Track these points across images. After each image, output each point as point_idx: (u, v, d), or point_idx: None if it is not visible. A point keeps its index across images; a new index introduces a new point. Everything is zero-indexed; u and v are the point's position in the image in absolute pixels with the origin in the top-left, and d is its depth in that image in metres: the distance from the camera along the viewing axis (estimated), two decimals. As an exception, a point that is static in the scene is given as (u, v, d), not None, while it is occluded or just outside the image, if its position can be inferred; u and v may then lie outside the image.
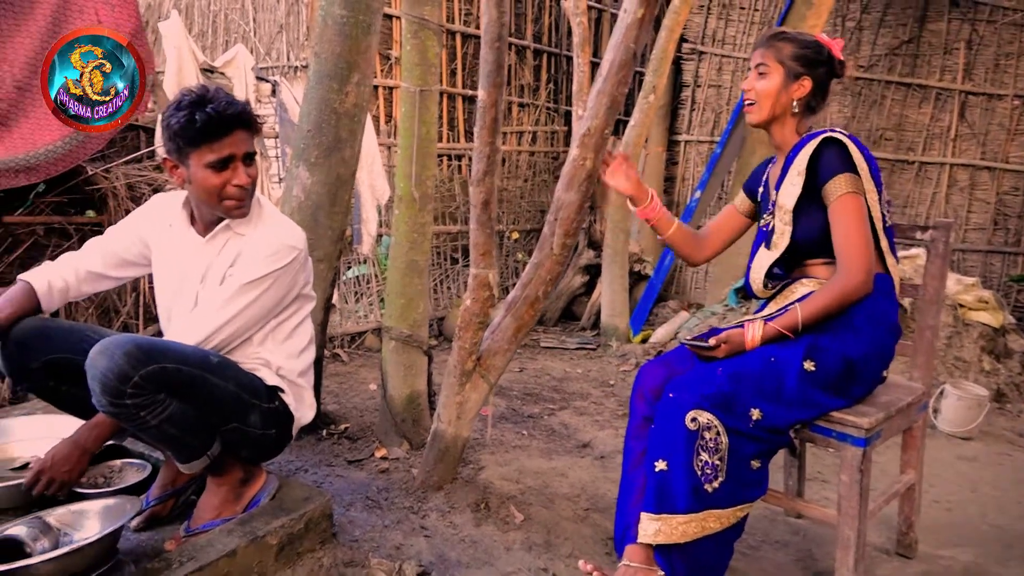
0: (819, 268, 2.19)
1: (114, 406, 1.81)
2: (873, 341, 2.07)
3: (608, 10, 7.34)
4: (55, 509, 1.94)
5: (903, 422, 2.30)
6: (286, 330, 2.19)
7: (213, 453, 2.03)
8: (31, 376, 2.09)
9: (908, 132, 6.35)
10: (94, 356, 1.79)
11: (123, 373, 1.77)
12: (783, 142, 2.23)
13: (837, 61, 2.20)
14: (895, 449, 2.72)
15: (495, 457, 3.20)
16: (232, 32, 5.45)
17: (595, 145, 2.32)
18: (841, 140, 2.08)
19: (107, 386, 1.78)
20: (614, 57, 2.26)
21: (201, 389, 1.93)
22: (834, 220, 2.07)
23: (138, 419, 1.84)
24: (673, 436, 1.91)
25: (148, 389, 1.81)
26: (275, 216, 2.17)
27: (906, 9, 6.15)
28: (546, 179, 6.92)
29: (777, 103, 2.18)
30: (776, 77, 2.17)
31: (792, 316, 2.05)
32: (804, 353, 2.00)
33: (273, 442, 2.16)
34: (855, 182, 2.07)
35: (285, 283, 2.09)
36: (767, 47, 2.19)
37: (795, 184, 2.13)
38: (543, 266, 2.49)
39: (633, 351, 5.13)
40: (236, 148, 1.98)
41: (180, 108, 1.93)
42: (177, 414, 1.90)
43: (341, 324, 5.02)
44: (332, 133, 2.99)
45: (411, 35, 2.95)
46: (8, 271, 3.38)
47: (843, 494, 2.09)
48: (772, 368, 1.98)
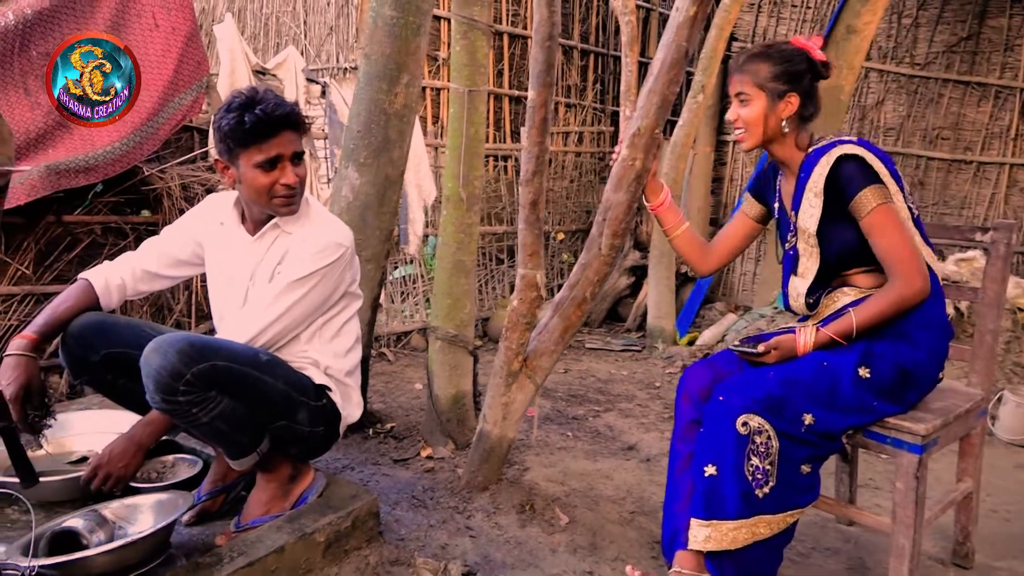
0: (859, 277, 2.10)
1: (167, 403, 1.84)
2: (928, 347, 2.01)
3: (656, 9, 7.28)
4: (111, 503, 1.99)
5: (961, 429, 2.24)
6: (333, 328, 2.20)
7: (262, 450, 2.06)
8: (90, 369, 2.13)
9: (966, 131, 6.17)
10: (148, 354, 1.83)
11: (176, 371, 1.80)
12: (787, 158, 2.14)
13: (819, 64, 2.09)
14: (950, 456, 2.65)
15: (540, 458, 3.19)
16: (283, 34, 5.53)
17: (645, 145, 2.30)
18: (857, 155, 1.99)
19: (160, 383, 1.81)
20: (665, 56, 2.24)
21: (251, 387, 1.95)
22: (873, 234, 1.98)
23: (190, 416, 1.88)
24: (723, 440, 1.88)
25: (200, 386, 1.85)
26: (322, 215, 2.19)
27: (965, 5, 5.98)
28: (592, 180, 6.89)
29: (767, 127, 2.08)
30: (759, 102, 2.06)
31: (847, 322, 1.99)
32: (859, 359, 1.95)
33: (321, 440, 2.18)
34: (882, 192, 1.97)
35: (332, 280, 2.10)
36: (741, 72, 2.09)
37: (814, 206, 2.04)
38: (591, 267, 2.47)
39: (679, 353, 5.07)
40: (284, 148, 2.01)
41: (230, 110, 1.97)
42: (228, 411, 1.93)
43: (387, 323, 5.06)
44: (381, 134, 3.01)
45: (460, 36, 2.96)
46: (67, 269, 3.47)
47: (898, 502, 2.03)
48: (825, 373, 1.94)
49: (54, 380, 3.43)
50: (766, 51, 2.08)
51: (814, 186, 2.03)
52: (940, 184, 6.25)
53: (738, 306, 6.30)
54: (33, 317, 3.32)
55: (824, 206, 2.02)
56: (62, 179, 3.17)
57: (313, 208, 2.19)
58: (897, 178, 2.04)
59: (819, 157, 2.03)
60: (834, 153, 2.00)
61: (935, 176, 6.25)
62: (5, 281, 3.30)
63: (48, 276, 3.42)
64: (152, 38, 3.48)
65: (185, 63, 3.58)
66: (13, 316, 3.33)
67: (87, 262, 3.51)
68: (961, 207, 6.22)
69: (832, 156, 2.00)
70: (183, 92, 3.60)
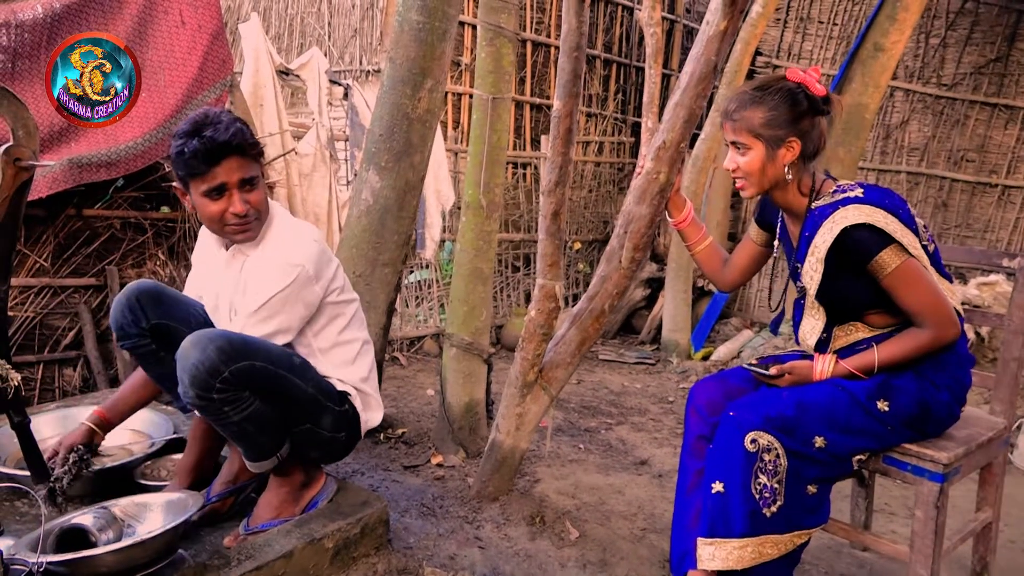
0: (874, 317, 2.00)
1: (200, 399, 1.83)
2: (950, 384, 1.97)
3: (680, 21, 7.25)
4: (120, 500, 1.98)
5: (983, 458, 2.20)
6: (328, 341, 2.16)
7: (283, 454, 2.04)
8: (137, 335, 2.13)
9: (992, 154, 6.10)
10: (186, 348, 1.82)
11: (214, 367, 1.79)
12: (790, 205, 2.02)
13: (819, 99, 1.92)
14: (967, 483, 2.60)
15: (551, 470, 3.16)
16: (308, 35, 5.54)
17: (670, 159, 2.28)
18: (864, 224, 1.85)
19: (197, 379, 1.80)
20: (694, 70, 2.21)
21: (283, 388, 1.95)
22: (898, 291, 1.88)
23: (221, 414, 1.87)
24: (731, 457, 1.85)
25: (236, 385, 1.84)
26: (281, 234, 2.09)
27: (994, 27, 5.93)
28: (611, 190, 6.87)
29: (766, 177, 1.95)
30: (756, 152, 1.92)
31: (868, 358, 1.94)
32: (877, 391, 1.91)
33: (342, 445, 2.17)
34: (899, 251, 1.86)
35: (298, 300, 2.02)
36: (734, 120, 1.93)
37: (816, 271, 1.94)
38: (610, 279, 2.45)
39: (694, 368, 5.03)
40: (229, 176, 1.94)
41: (177, 137, 1.94)
42: (258, 412, 1.92)
43: (401, 328, 5.05)
44: (403, 138, 3.00)
45: (486, 43, 2.95)
46: (85, 262, 3.48)
47: (917, 531, 2.00)
48: (841, 399, 1.90)
49: (68, 373, 3.44)
50: (759, 95, 1.92)
51: (817, 252, 1.92)
52: (964, 207, 6.18)
53: (754, 322, 6.25)
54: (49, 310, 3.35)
55: (829, 270, 1.92)
56: (84, 173, 3.17)
57: (275, 227, 2.10)
58: (910, 222, 1.92)
59: (823, 219, 1.91)
60: (838, 222, 1.87)
61: (959, 198, 6.18)
62: (23, 273, 3.31)
63: (66, 269, 3.42)
64: (178, 35, 3.48)
65: (210, 61, 3.59)
66: (30, 307, 3.34)
67: (105, 256, 3.52)
68: (984, 230, 6.15)
69: (836, 226, 1.87)
70: (207, 90, 3.60)
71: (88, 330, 3.43)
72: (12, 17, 3.04)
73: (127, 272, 3.56)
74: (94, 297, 3.51)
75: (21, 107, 1.43)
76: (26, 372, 3.31)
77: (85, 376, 3.46)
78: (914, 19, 4.77)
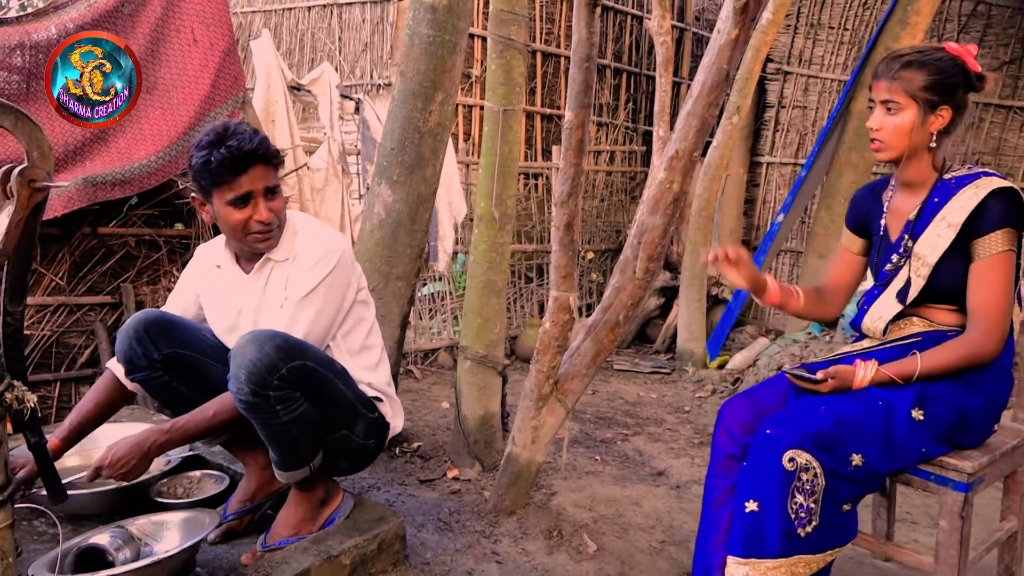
0: (940, 313, 1.99)
1: (256, 396, 1.83)
2: (988, 392, 1.94)
3: (690, 29, 7.25)
4: (137, 519, 1.98)
5: (1007, 466, 2.16)
6: (357, 343, 2.19)
7: (315, 465, 2.05)
8: (149, 367, 2.12)
9: (1007, 156, 6.06)
10: (244, 345, 1.83)
11: (273, 364, 1.81)
12: (918, 178, 2.00)
13: (974, 75, 1.92)
14: (991, 491, 2.56)
15: (568, 483, 3.14)
16: (318, 50, 5.57)
17: (683, 168, 2.26)
18: (1012, 188, 1.85)
19: (254, 375, 1.80)
20: (706, 78, 2.20)
21: (330, 391, 1.97)
22: (979, 277, 1.87)
23: (272, 412, 1.87)
24: (768, 476, 1.81)
25: (290, 384, 1.85)
26: (309, 229, 2.15)
27: (1007, 29, 5.89)
28: (622, 199, 6.86)
29: (912, 141, 1.93)
30: (909, 113, 1.91)
31: (910, 366, 1.90)
32: (913, 400, 1.88)
33: (371, 453, 2.19)
34: (1013, 239, 1.85)
35: (340, 287, 2.08)
36: (892, 79, 1.91)
37: (943, 236, 1.91)
38: (624, 290, 2.43)
39: (709, 377, 5.00)
40: (255, 184, 1.98)
41: (200, 148, 1.96)
42: (306, 414, 1.93)
43: (415, 341, 5.05)
44: (415, 151, 3.01)
45: (496, 55, 2.95)
46: (100, 280, 3.50)
47: (941, 541, 1.96)
48: (879, 415, 1.87)
49: (84, 391, 3.44)
50: (921, 58, 1.92)
51: (951, 216, 1.90)
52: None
53: (769, 330, 6.21)
54: (65, 328, 3.36)
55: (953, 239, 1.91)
56: (98, 191, 3.19)
57: (300, 226, 2.15)
58: None
59: (961, 186, 1.91)
60: (984, 185, 1.87)
61: (974, 202, 6.13)
62: (39, 292, 3.33)
63: (81, 288, 3.44)
64: (191, 53, 3.51)
65: (222, 78, 3.61)
66: (46, 326, 3.36)
67: (120, 274, 3.54)
68: (1001, 234, 6.09)
69: (982, 189, 1.87)
70: (219, 106, 3.62)
71: (104, 348, 3.44)
72: (26, 38, 3.07)
73: (142, 289, 3.58)
74: (110, 315, 3.53)
75: (36, 128, 1.43)
76: (43, 391, 3.33)
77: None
78: (926, 23, 4.75)
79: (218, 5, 3.58)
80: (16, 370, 1.53)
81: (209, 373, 2.12)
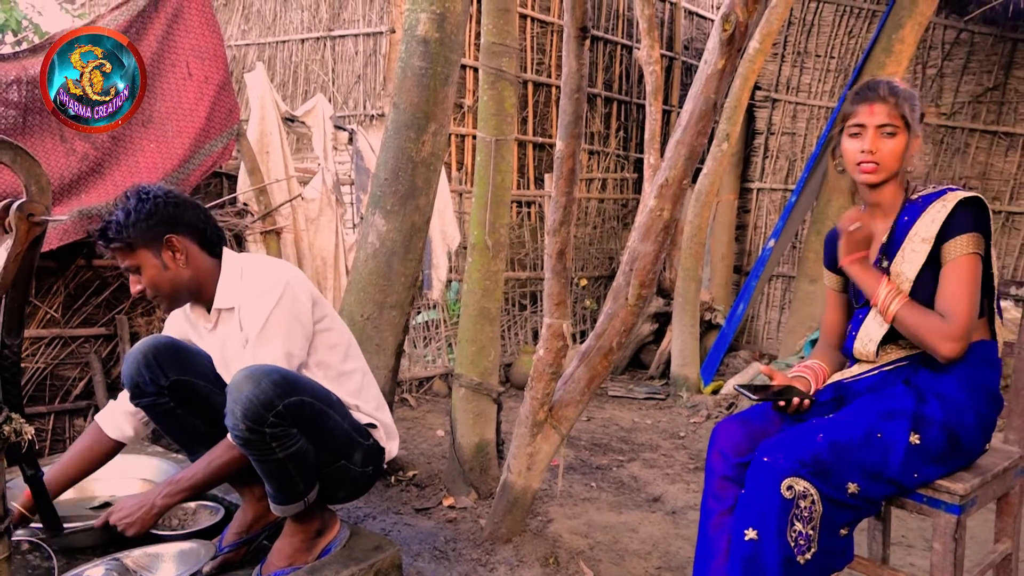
0: None
1: (251, 432, 1.83)
2: (976, 411, 1.96)
3: (679, 58, 7.35)
4: (132, 551, 1.97)
5: (999, 488, 2.17)
6: (333, 370, 2.17)
7: (310, 499, 2.03)
8: (155, 393, 2.12)
9: (993, 181, 6.13)
10: (240, 381, 1.83)
11: (269, 400, 1.80)
12: (889, 200, 2.05)
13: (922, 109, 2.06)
14: (984, 513, 2.57)
15: (564, 509, 3.14)
16: (312, 82, 5.63)
17: (673, 196, 2.29)
18: (978, 198, 1.92)
19: (250, 412, 1.80)
20: (694, 108, 2.24)
21: (327, 425, 1.97)
22: (947, 277, 1.91)
23: (267, 449, 1.86)
24: (767, 504, 1.82)
25: (287, 421, 1.85)
26: (253, 268, 2.13)
27: (990, 56, 5.99)
28: (615, 226, 6.90)
29: (900, 164, 1.99)
30: (903, 137, 1.97)
31: (888, 300, 1.94)
32: (910, 426, 1.90)
33: (368, 480, 2.18)
34: (980, 243, 1.91)
35: (295, 312, 2.05)
36: (892, 105, 1.97)
37: (918, 251, 1.96)
38: (617, 316, 2.45)
39: (704, 402, 5.01)
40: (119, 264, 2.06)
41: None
42: (302, 450, 1.92)
43: (409, 369, 5.05)
44: (408, 181, 3.04)
45: (488, 86, 2.99)
46: (95, 312, 3.50)
47: (936, 564, 1.96)
48: (877, 446, 1.87)
49: (79, 423, 3.44)
50: (902, 89, 2.00)
51: (923, 231, 1.96)
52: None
53: (763, 354, 6.24)
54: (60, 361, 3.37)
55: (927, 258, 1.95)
56: (94, 224, 3.20)
57: (246, 269, 2.13)
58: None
59: (928, 203, 1.97)
60: (951, 199, 1.93)
61: (962, 225, 6.19)
62: (34, 324, 3.33)
63: (76, 320, 3.45)
64: (185, 87, 3.55)
65: (217, 111, 3.65)
66: (41, 358, 3.36)
67: (115, 306, 3.55)
68: (990, 257, 6.14)
69: (950, 202, 1.93)
70: (214, 139, 3.66)
71: (99, 379, 3.44)
72: (23, 73, 3.11)
73: (137, 321, 3.59)
74: (104, 346, 3.53)
75: (34, 163, 1.46)
76: (37, 423, 3.32)
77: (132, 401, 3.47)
78: (910, 51, 4.84)
79: (213, 40, 3.63)
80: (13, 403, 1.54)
81: (214, 401, 2.12)
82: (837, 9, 6.31)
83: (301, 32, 5.69)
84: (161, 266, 2.04)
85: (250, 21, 6.00)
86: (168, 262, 2.04)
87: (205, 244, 2.11)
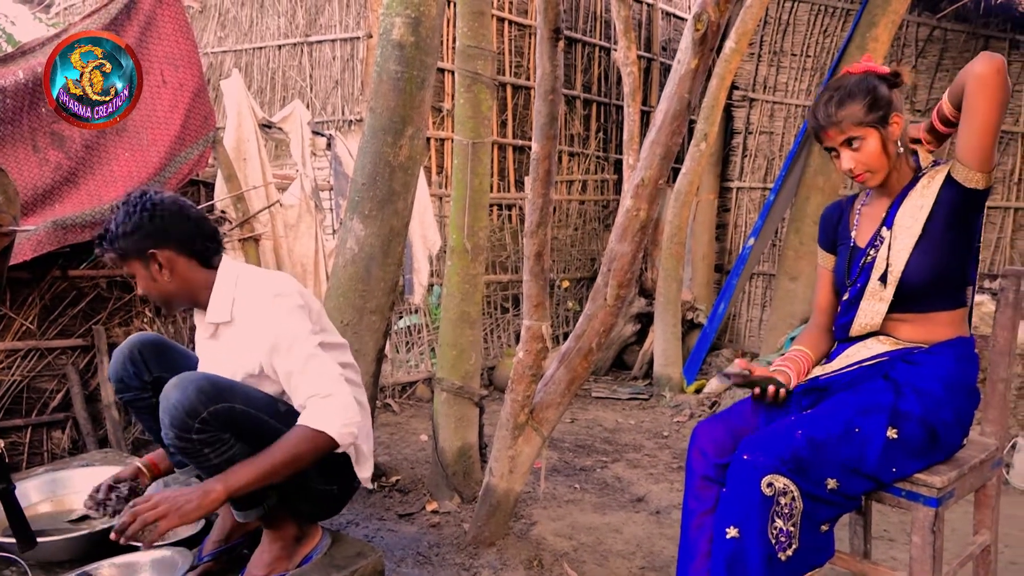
0: (904, 327, 2.04)
1: (180, 440, 1.83)
2: (954, 408, 1.97)
3: (657, 59, 7.38)
4: (103, 563, 1.94)
5: (976, 480, 2.19)
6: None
7: (269, 504, 2.01)
8: (138, 387, 2.14)
9: (969, 176, 6.19)
10: (168, 389, 1.83)
11: (193, 408, 1.80)
12: (899, 181, 2.06)
13: (889, 76, 2.01)
14: (964, 506, 2.60)
15: (547, 512, 3.14)
16: (290, 88, 5.60)
17: (649, 196, 2.30)
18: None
19: (176, 419, 1.80)
20: (668, 107, 2.25)
21: (266, 434, 1.93)
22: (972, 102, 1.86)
23: (201, 455, 1.86)
24: (747, 502, 1.82)
25: (215, 426, 1.84)
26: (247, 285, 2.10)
27: (963, 53, 6.05)
28: (596, 227, 6.91)
29: (889, 157, 1.99)
30: (873, 138, 1.96)
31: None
32: (888, 421, 1.91)
33: (334, 499, 2.14)
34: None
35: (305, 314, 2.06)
36: (838, 123, 1.97)
37: (923, 208, 1.97)
38: (596, 317, 2.46)
39: (687, 401, 5.02)
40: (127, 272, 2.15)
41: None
42: (240, 456, 1.89)
43: (392, 374, 5.03)
44: (386, 186, 3.03)
45: (464, 89, 2.99)
46: (71, 323, 3.47)
47: (915, 556, 1.98)
48: (855, 441, 1.88)
49: (56, 436, 3.41)
50: (845, 91, 1.98)
51: (925, 191, 1.98)
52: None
53: (745, 352, 6.27)
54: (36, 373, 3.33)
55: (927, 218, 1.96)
56: (68, 234, 3.18)
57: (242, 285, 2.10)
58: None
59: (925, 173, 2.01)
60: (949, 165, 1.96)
61: (939, 221, 6.25)
62: (9, 336, 3.29)
63: (52, 331, 3.41)
64: (160, 94, 3.52)
65: (192, 118, 3.62)
66: (17, 371, 3.32)
67: (91, 316, 3.51)
68: (967, 251, 6.20)
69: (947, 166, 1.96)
70: (190, 146, 3.64)
71: (76, 391, 3.40)
72: (-6, 83, 3.07)
73: (114, 331, 3.55)
74: (81, 358, 3.50)
75: (2, 173, 1.44)
76: (14, 436, 3.28)
77: (74, 438, 3.43)
78: (884, 48, 4.88)
79: (187, 47, 3.61)
80: (-17, 416, 1.52)
81: None
82: (812, 8, 6.36)
83: (278, 38, 5.67)
84: (149, 278, 2.07)
85: (226, 28, 5.96)
86: (155, 275, 2.06)
87: (196, 255, 2.09)
